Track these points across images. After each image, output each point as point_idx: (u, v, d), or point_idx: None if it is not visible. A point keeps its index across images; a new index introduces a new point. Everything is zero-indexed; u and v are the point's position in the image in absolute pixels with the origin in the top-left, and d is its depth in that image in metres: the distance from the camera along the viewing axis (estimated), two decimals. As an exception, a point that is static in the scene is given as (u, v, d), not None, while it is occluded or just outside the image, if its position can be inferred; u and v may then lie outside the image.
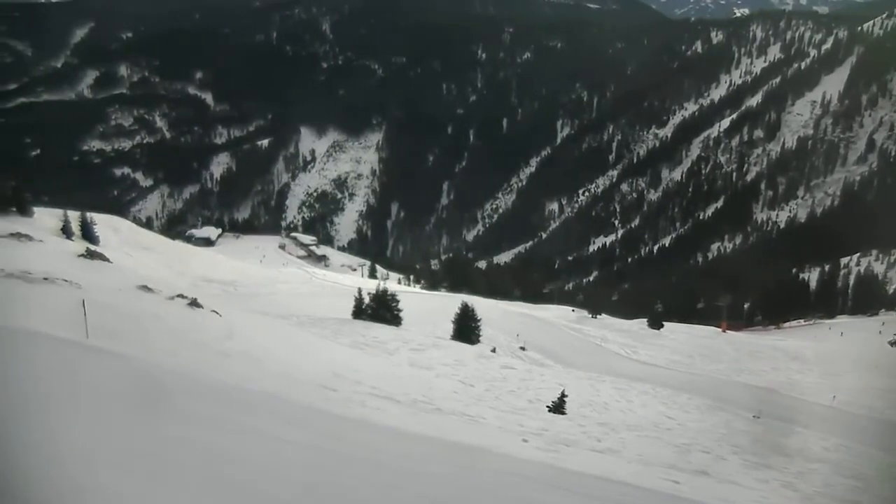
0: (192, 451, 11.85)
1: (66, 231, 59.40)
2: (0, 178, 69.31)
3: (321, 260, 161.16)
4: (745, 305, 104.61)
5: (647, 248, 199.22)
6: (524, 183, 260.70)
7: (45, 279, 23.28)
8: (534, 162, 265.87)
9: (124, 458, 11.12)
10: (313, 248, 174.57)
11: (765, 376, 49.74)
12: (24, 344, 15.80)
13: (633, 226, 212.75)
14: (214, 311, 27.80)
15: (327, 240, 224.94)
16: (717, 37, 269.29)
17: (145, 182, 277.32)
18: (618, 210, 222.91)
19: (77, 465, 10.41)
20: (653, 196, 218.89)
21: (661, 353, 58.82)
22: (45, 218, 63.21)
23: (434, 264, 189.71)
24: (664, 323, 73.41)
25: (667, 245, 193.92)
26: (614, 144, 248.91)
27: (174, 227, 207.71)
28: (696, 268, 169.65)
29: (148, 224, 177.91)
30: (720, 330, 74.78)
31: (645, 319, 74.76)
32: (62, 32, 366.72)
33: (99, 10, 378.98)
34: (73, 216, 63.46)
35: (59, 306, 19.62)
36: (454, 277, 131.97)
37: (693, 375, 48.40)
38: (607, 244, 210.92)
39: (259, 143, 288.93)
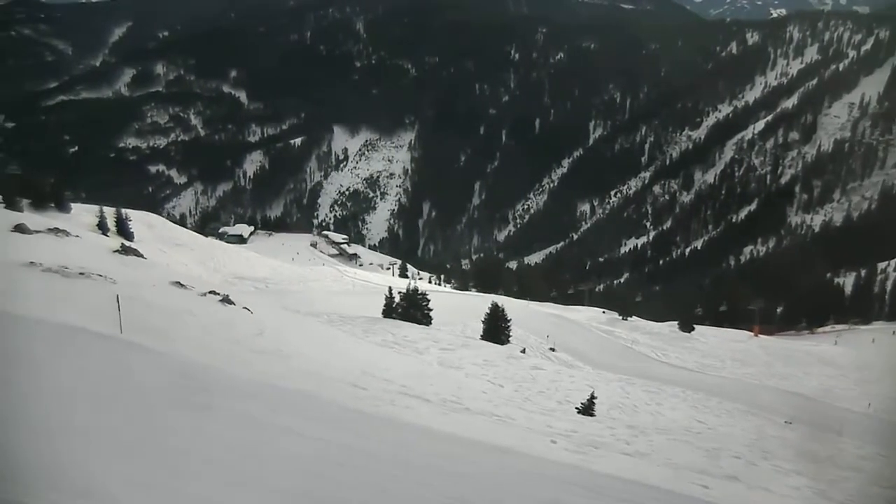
0: (221, 446, 12.05)
1: (102, 227, 60.38)
2: (40, 175, 70.62)
3: (352, 258, 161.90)
4: (778, 309, 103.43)
5: (679, 251, 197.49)
6: (556, 184, 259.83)
7: (81, 274, 23.64)
8: (566, 163, 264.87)
9: (155, 450, 11.33)
10: (345, 246, 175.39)
11: (797, 381, 49.16)
12: (61, 337, 16.11)
13: (664, 228, 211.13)
14: (246, 308, 28.06)
15: (359, 238, 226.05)
16: (752, 38, 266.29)
17: (179, 179, 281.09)
18: (649, 212, 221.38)
19: (108, 457, 10.64)
20: (685, 198, 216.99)
21: (692, 356, 58.37)
22: (83, 214, 64.27)
23: (465, 264, 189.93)
24: (695, 326, 72.87)
25: (699, 248, 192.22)
26: (647, 146, 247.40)
27: (207, 224, 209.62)
28: (728, 271, 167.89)
29: (181, 221, 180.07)
30: (752, 334, 73.93)
31: (676, 322, 74.23)
32: (101, 32, 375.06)
33: (137, 9, 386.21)
34: (109, 212, 64.51)
35: (94, 301, 19.92)
36: (485, 277, 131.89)
37: (724, 379, 48.01)
38: (639, 246, 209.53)
39: (292, 141, 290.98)
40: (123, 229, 62.91)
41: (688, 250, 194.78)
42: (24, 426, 11.27)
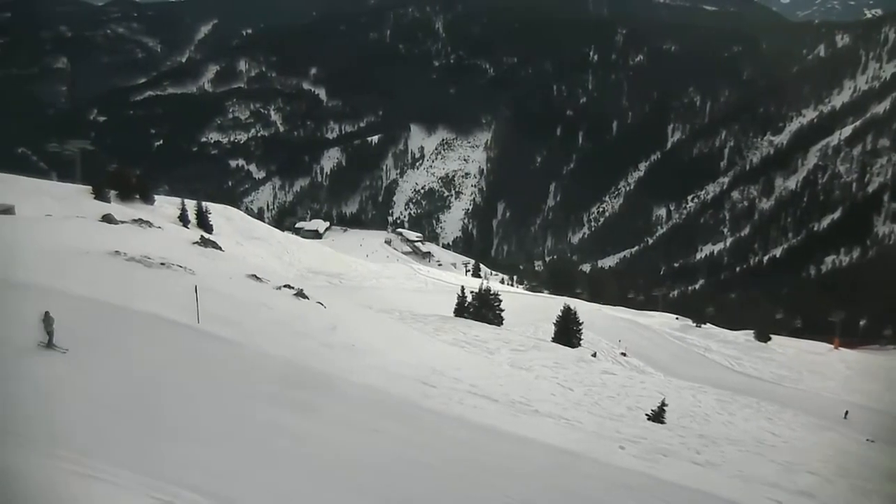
0: (290, 436, 12.30)
1: (183, 219, 61.87)
2: (127, 168, 72.78)
3: (426, 256, 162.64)
4: (861, 322, 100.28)
5: (757, 259, 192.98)
6: (632, 187, 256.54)
7: (162, 264, 24.43)
8: (643, 166, 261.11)
9: (230, 439, 11.63)
10: (418, 244, 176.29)
11: (880, 398, 47.53)
12: (142, 325, 16.64)
13: (742, 234, 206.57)
14: (320, 302, 28.55)
15: (432, 237, 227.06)
16: (842, 40, 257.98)
17: (258, 174, 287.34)
18: (727, 218, 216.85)
19: (182, 443, 10.92)
20: (765, 205, 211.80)
21: (768, 366, 57.10)
22: (165, 206, 66.02)
23: (538, 265, 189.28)
24: (772, 336, 71.26)
25: (777, 256, 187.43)
26: (726, 150, 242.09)
27: (284, 218, 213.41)
28: (808, 281, 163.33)
29: (259, 215, 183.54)
30: (832, 346, 71.89)
31: (751, 331, 72.71)
32: (189, 29, 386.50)
33: (222, 7, 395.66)
34: (191, 205, 66.08)
35: (173, 291, 20.55)
36: (557, 279, 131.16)
37: (800, 392, 46.87)
38: (715, 252, 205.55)
39: (369, 138, 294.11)
40: (203, 222, 64.26)
41: (766, 258, 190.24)
42: (107, 409, 11.73)
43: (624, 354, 50.65)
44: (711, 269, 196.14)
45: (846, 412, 46.03)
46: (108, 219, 35.61)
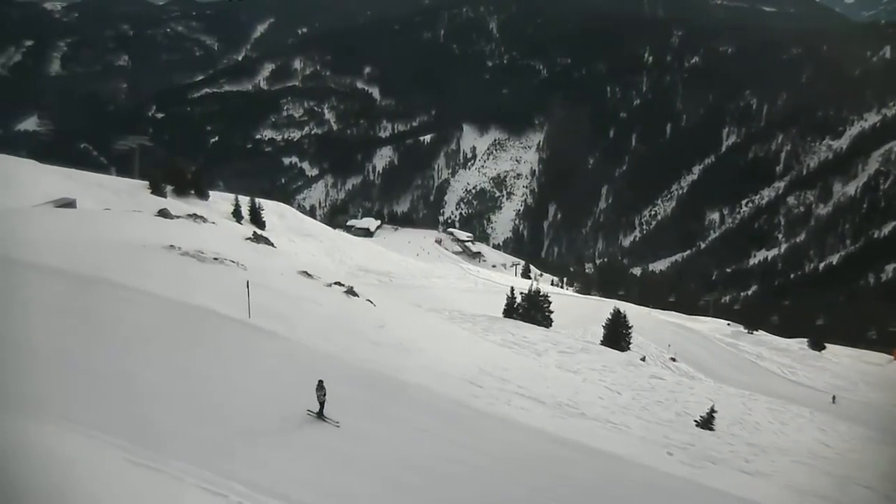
0: (335, 431, 12.40)
1: (236, 214, 62.92)
2: (183, 164, 74.14)
3: (476, 256, 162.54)
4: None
5: (812, 265, 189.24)
6: (685, 190, 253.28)
7: (215, 259, 24.80)
8: (696, 169, 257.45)
9: (278, 434, 11.76)
10: (469, 244, 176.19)
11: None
12: (194, 319, 16.91)
13: (797, 241, 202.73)
14: (369, 300, 28.74)
15: (483, 237, 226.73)
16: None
17: (311, 171, 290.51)
18: (782, 223, 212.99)
19: (231, 435, 11.06)
20: (822, 210, 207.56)
21: (822, 376, 56.05)
22: (219, 201, 67.14)
23: (588, 268, 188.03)
24: (826, 344, 69.94)
25: (834, 263, 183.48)
26: (783, 155, 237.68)
27: (336, 216, 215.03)
28: (867, 289, 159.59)
29: (311, 212, 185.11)
30: (892, 357, 70.26)
31: (805, 339, 71.44)
32: (246, 28, 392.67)
33: (279, 7, 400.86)
34: (244, 201, 67.16)
35: (225, 285, 20.86)
36: (608, 282, 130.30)
37: (856, 403, 45.90)
38: (769, 258, 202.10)
39: (422, 138, 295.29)
40: (256, 218, 65.23)
41: (822, 265, 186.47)
42: (162, 401, 11.98)
43: (673, 359, 50.20)
44: (765, 276, 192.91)
45: (833, 397, 46.33)
46: (163, 213, 36.29)
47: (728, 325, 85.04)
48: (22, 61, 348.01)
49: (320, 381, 12.88)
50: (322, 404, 12.93)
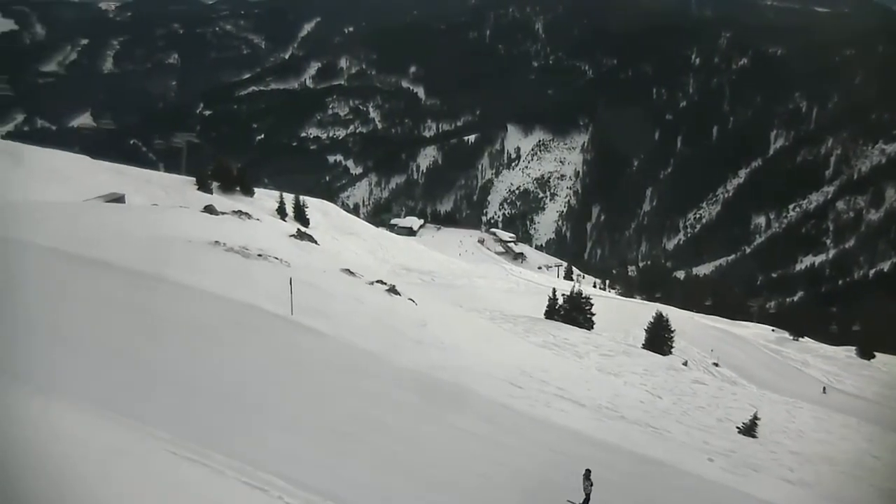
0: (376, 429, 12.56)
1: (281, 212, 63.53)
2: (229, 161, 75.13)
3: (518, 257, 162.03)
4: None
5: (862, 272, 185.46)
6: (731, 194, 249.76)
7: (260, 255, 25.16)
8: (743, 173, 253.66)
9: (315, 428, 11.94)
10: (511, 245, 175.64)
11: None
12: (238, 314, 17.18)
13: (846, 246, 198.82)
14: (411, 299, 28.89)
15: (526, 238, 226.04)
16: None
17: (356, 170, 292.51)
18: (831, 229, 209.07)
19: (270, 431, 11.26)
20: (873, 216, 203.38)
21: (870, 385, 54.93)
22: (264, 198, 67.92)
23: (631, 270, 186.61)
24: (876, 353, 68.53)
25: (885, 270, 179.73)
26: (832, 159, 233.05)
27: (379, 214, 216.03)
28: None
29: (355, 210, 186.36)
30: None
31: (853, 347, 70.08)
32: (293, 27, 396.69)
33: (326, 5, 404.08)
34: (289, 198, 67.80)
35: (269, 282, 21.15)
36: (650, 285, 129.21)
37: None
38: (816, 264, 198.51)
39: (466, 138, 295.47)
40: (300, 215, 65.76)
41: (872, 272, 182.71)
42: (206, 395, 12.19)
43: (716, 364, 49.68)
44: (812, 282, 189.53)
45: (824, 388, 45.84)
46: (209, 209, 36.84)
47: (772, 330, 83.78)
48: (77, 60, 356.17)
49: (587, 471, 12.38)
50: (588, 496, 12.42)
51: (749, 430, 23.59)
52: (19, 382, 8.86)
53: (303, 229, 44.03)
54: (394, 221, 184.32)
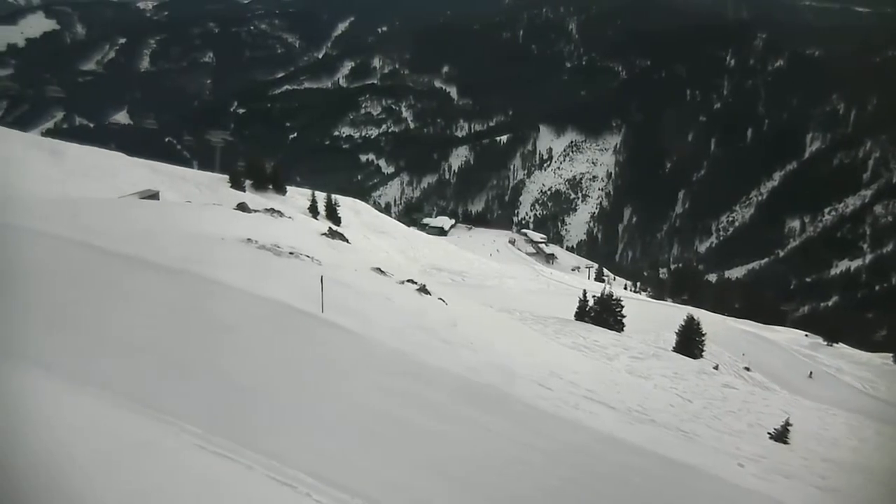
0: (405, 428, 12.56)
1: (313, 210, 63.85)
2: (263, 159, 75.72)
3: (549, 258, 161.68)
4: None
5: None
6: (765, 197, 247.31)
7: (291, 254, 25.25)
8: (777, 176, 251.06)
9: (342, 427, 11.97)
10: (542, 245, 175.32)
11: None
12: (269, 311, 17.29)
13: (884, 251, 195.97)
14: (441, 299, 28.87)
15: (557, 239, 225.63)
16: None
17: (388, 169, 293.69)
18: (868, 233, 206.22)
19: (298, 428, 11.30)
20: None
21: (907, 393, 54.06)
22: (296, 197, 68.32)
23: (662, 273, 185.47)
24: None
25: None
26: (870, 162, 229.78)
27: (410, 214, 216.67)
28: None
29: (386, 209, 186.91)
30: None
31: (891, 354, 69.05)
32: (327, 26, 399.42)
33: (359, 5, 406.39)
34: (321, 197, 68.11)
35: (300, 280, 21.22)
36: (682, 288, 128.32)
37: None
38: (852, 269, 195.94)
39: (498, 138, 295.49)
40: (332, 214, 66.08)
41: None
42: (238, 391, 12.29)
43: (748, 369, 49.20)
44: (847, 287, 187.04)
45: (811, 372, 45.16)
46: (242, 207, 37.08)
47: (806, 335, 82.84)
48: (115, 58, 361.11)
49: None
50: None
51: (781, 436, 23.32)
52: (50, 375, 8.99)
53: (334, 228, 44.20)
54: (425, 221, 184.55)
